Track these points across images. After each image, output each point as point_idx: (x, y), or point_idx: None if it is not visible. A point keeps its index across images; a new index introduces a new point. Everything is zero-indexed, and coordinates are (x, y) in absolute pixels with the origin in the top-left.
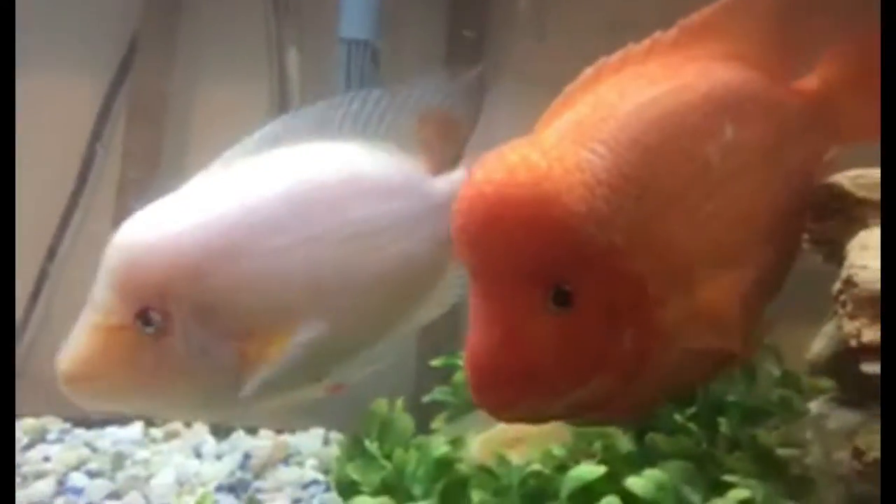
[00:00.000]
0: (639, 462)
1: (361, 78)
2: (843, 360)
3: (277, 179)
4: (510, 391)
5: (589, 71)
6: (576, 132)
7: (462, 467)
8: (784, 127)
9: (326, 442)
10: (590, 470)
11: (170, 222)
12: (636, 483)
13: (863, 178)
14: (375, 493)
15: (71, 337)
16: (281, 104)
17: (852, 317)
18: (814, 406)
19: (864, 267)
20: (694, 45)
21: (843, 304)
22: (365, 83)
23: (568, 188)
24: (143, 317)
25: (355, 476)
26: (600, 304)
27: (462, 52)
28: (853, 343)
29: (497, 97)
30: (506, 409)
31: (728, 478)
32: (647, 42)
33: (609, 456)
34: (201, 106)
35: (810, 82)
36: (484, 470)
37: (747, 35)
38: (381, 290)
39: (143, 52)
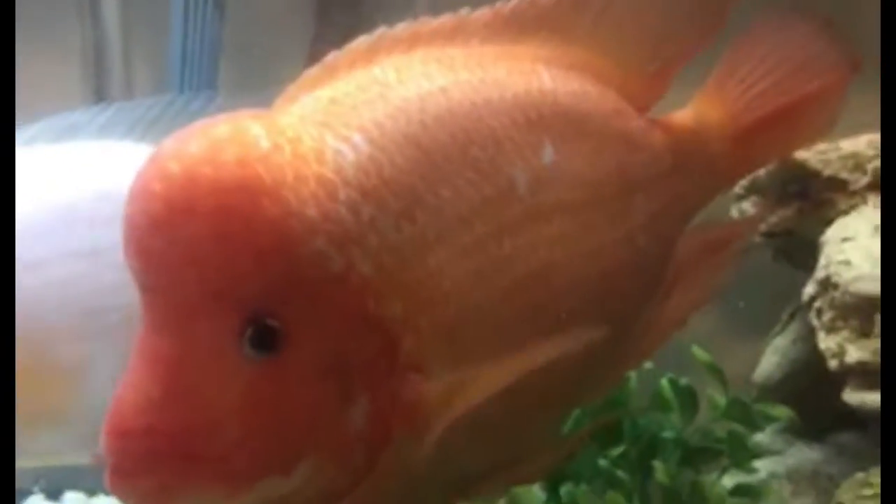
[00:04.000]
0: None
1: (202, 34)
2: (801, 382)
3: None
4: (169, 471)
5: (364, 40)
6: (327, 112)
7: None
8: (636, 168)
9: None
10: None
11: None
12: None
13: (830, 153)
14: None
15: None
16: (97, 61)
17: (832, 329)
18: (764, 439)
19: (847, 263)
20: (520, 37)
21: (819, 313)
22: (206, 42)
23: (296, 180)
24: None
25: None
26: (322, 353)
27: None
28: (833, 364)
29: None
30: (160, 502)
31: None
32: (450, 20)
33: None
34: None
35: (683, 117)
36: None
37: (602, 42)
38: None
39: None
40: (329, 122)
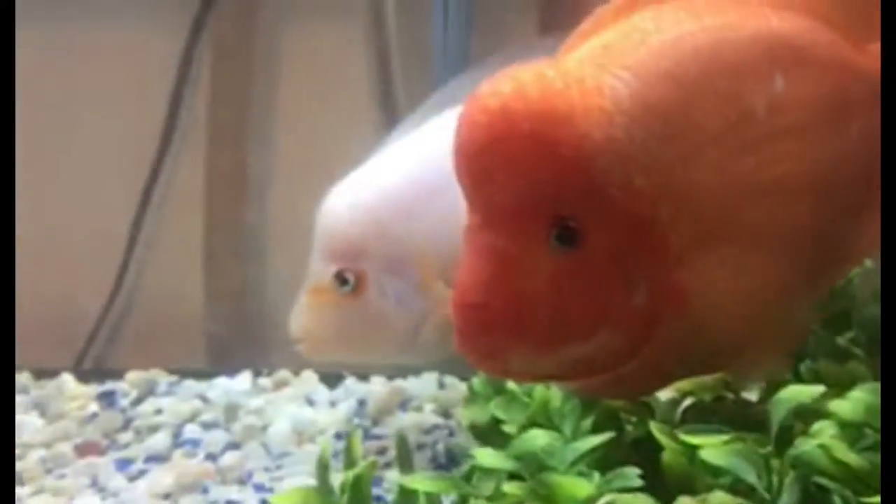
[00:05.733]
0: None
1: (458, 9)
2: None
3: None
4: (500, 335)
5: None
6: (601, 56)
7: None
8: (851, 91)
9: (442, 386)
10: (806, 390)
11: (356, 187)
12: (843, 406)
13: None
14: (525, 431)
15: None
16: (377, 39)
17: None
18: None
19: None
20: None
21: None
22: (462, 15)
23: (584, 111)
24: (338, 278)
25: (499, 414)
26: (610, 248)
27: None
28: None
29: None
30: (493, 358)
31: None
32: None
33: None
34: (290, 43)
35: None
36: (637, 403)
37: None
38: None
39: None
40: (604, 64)
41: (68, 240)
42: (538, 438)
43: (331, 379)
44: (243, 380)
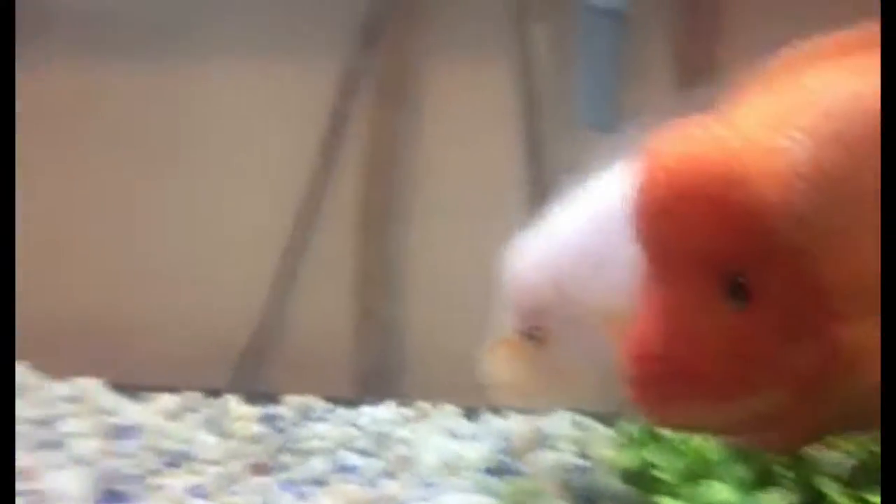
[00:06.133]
0: None
1: (608, 51)
2: None
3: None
4: (673, 387)
5: (788, 53)
6: (773, 116)
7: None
8: None
9: (576, 425)
10: None
11: (539, 245)
12: None
13: None
14: (682, 479)
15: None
16: (525, 81)
17: None
18: None
19: None
20: None
21: None
22: (611, 57)
23: (760, 173)
24: (525, 334)
25: (654, 460)
26: (779, 306)
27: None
28: None
29: None
30: (665, 409)
31: None
32: (857, 32)
33: None
34: (440, 85)
35: None
36: (795, 458)
37: None
38: None
39: (385, 29)
40: (776, 125)
41: (223, 268)
42: (719, 493)
43: (470, 412)
44: (387, 409)
